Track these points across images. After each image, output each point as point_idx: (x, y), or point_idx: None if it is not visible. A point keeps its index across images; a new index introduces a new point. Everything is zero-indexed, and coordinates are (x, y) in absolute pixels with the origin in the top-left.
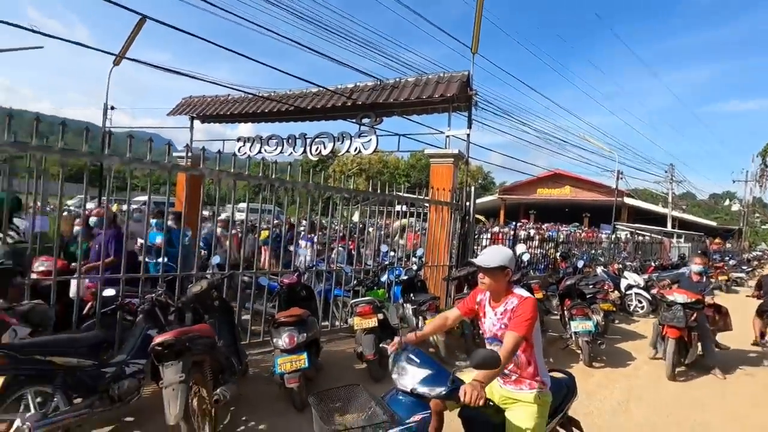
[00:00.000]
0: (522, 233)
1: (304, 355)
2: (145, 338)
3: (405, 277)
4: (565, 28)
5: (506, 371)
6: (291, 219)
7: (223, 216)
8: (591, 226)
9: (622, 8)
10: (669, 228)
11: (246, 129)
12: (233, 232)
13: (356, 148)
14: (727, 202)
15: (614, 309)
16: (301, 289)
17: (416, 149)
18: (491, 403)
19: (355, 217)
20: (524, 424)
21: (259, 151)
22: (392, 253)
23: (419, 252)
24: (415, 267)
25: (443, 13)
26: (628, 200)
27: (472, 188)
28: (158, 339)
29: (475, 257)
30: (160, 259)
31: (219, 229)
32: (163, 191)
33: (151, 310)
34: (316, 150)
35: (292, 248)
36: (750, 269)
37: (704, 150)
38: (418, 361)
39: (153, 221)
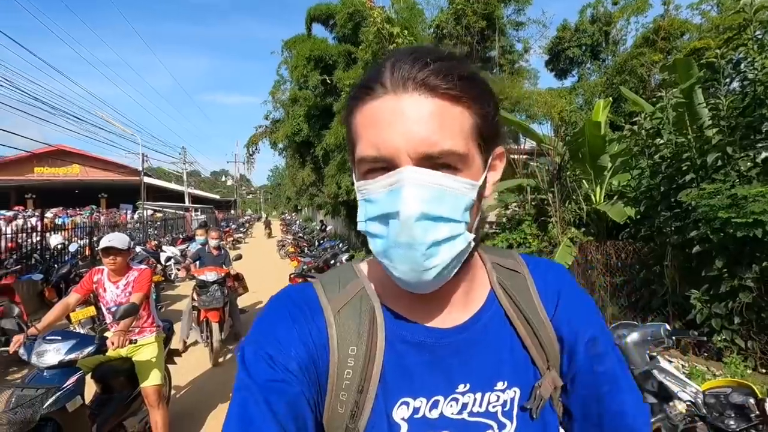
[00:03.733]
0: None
1: None
2: None
3: None
4: None
5: (131, 329)
6: None
7: None
8: (109, 208)
9: None
10: (187, 203)
11: None
12: None
13: None
14: (223, 179)
15: (162, 280)
16: None
17: None
18: (122, 355)
19: None
20: (150, 357)
21: None
22: None
23: None
24: None
25: None
26: (147, 179)
27: None
28: None
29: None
30: None
31: None
32: None
33: None
34: None
35: None
36: (245, 230)
37: (204, 132)
38: (60, 337)
39: None
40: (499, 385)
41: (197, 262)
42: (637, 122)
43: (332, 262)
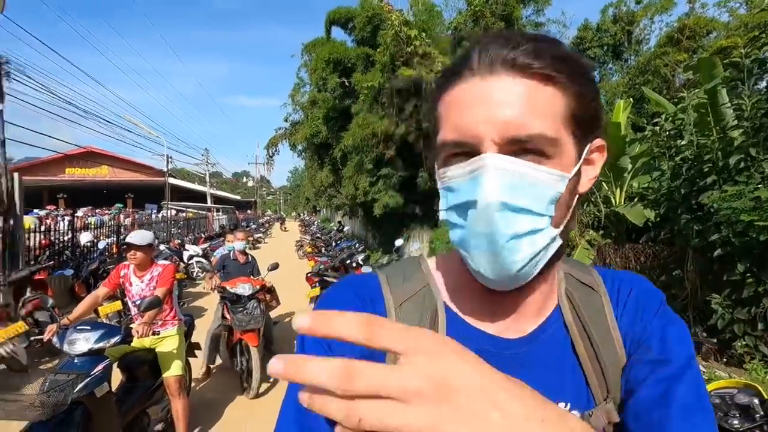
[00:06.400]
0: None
1: None
2: None
3: None
4: None
5: (155, 321)
6: None
7: None
8: (135, 207)
9: None
10: (209, 204)
11: None
12: None
13: None
14: (244, 179)
15: (185, 277)
16: None
17: None
18: (146, 346)
19: None
20: (172, 348)
21: None
22: None
23: None
24: None
25: None
26: (171, 180)
27: (16, 174)
28: None
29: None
30: None
31: None
32: None
33: None
34: None
35: None
36: (265, 230)
37: (227, 134)
38: (89, 327)
39: None
40: (561, 406)
41: (221, 272)
42: (658, 123)
43: (348, 261)
